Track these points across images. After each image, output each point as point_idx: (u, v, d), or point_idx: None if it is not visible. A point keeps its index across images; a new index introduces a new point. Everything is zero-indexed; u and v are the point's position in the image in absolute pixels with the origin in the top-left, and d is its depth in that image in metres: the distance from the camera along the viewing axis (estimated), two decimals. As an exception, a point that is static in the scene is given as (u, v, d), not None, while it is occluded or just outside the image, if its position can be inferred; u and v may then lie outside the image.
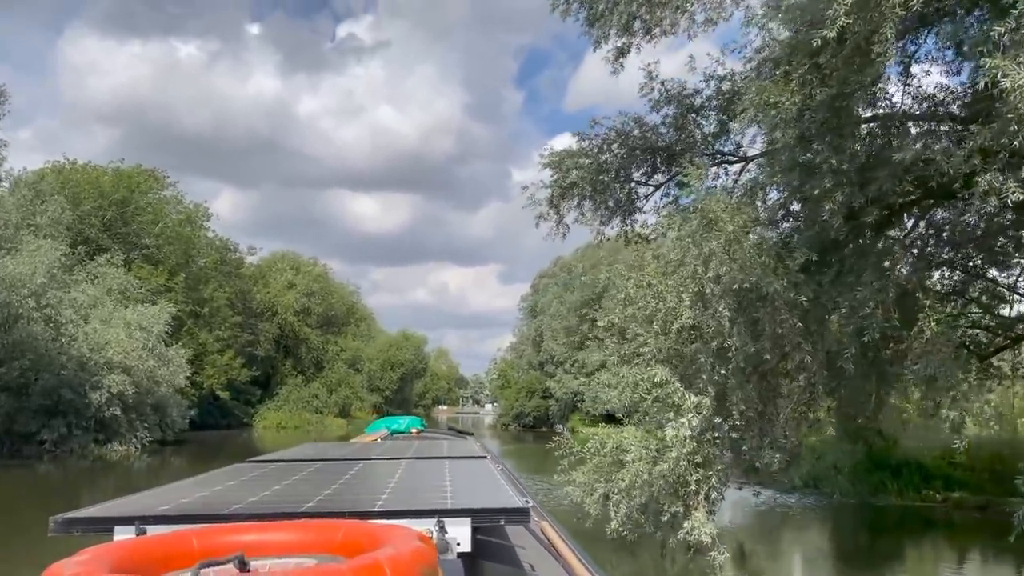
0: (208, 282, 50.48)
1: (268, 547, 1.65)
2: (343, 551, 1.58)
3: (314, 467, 3.82)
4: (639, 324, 9.88)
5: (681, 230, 8.62)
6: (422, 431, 8.84)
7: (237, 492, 2.79)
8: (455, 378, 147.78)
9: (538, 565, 2.78)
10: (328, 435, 52.84)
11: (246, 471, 3.61)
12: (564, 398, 58.73)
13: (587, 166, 13.04)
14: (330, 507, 2.32)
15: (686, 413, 8.50)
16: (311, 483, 3.11)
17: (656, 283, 9.66)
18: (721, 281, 8.42)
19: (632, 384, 9.60)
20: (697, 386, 8.84)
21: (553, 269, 69.12)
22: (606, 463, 9.75)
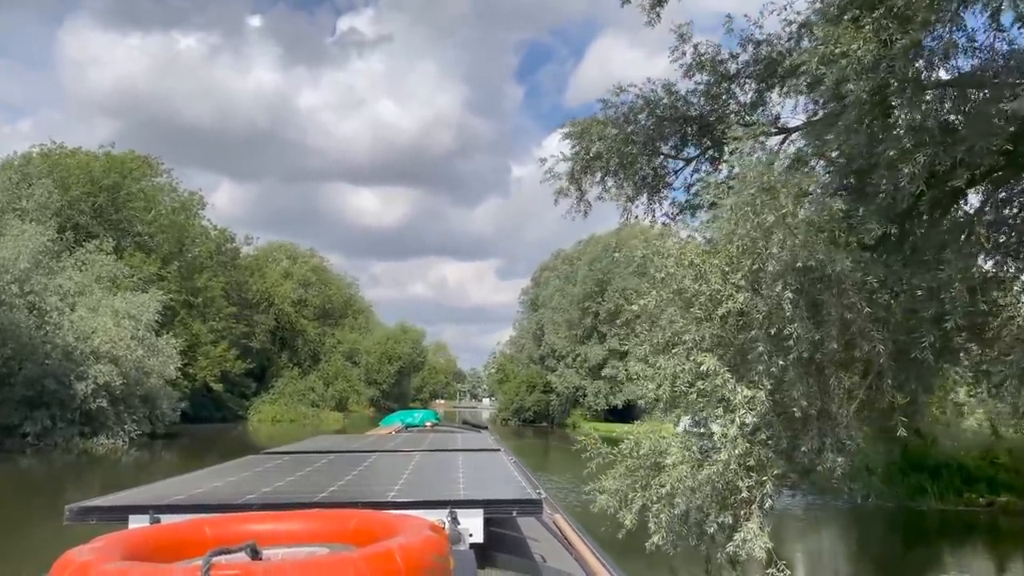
0: (202, 271, 49.29)
1: (280, 536, 1.66)
2: (355, 540, 1.59)
3: (328, 459, 3.81)
4: (678, 309, 8.69)
5: (740, 196, 7.41)
6: (437, 424, 8.82)
7: (251, 483, 2.79)
8: (453, 372, 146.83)
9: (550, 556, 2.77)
10: (324, 429, 51.75)
11: (260, 462, 3.63)
12: (566, 393, 57.63)
13: (612, 137, 11.82)
14: (343, 497, 2.31)
15: (737, 409, 7.32)
16: (324, 474, 3.13)
17: (699, 262, 8.46)
18: (781, 258, 7.22)
19: (671, 376, 8.42)
20: (749, 378, 7.65)
21: (554, 262, 67.96)
22: (642, 467, 8.57)
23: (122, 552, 1.44)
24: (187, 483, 2.78)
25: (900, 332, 8.07)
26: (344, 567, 1.31)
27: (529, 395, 62.39)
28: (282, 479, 2.93)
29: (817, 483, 8.44)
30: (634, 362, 10.14)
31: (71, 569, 1.33)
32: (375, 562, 1.32)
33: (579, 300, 56.53)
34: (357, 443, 5.24)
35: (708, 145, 12.51)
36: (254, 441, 42.46)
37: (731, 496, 7.73)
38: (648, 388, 8.57)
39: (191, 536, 1.62)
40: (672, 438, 8.27)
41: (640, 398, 8.91)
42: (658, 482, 8.32)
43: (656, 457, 8.46)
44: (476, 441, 5.59)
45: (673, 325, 9.22)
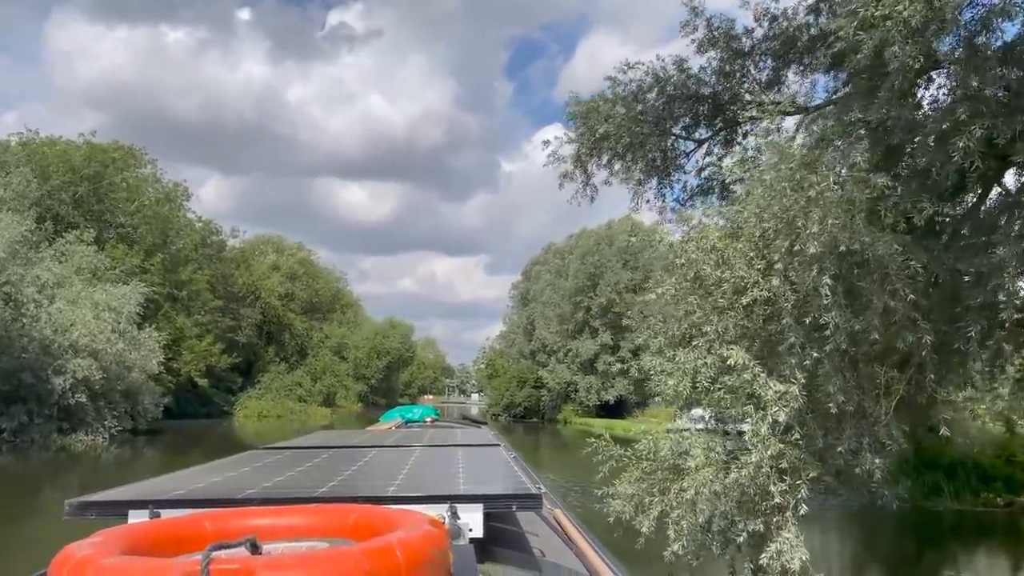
0: (187, 264, 48.26)
1: (280, 531, 1.65)
2: (355, 535, 1.59)
3: (327, 454, 3.80)
4: (698, 297, 7.98)
5: (778, 171, 6.69)
6: (437, 420, 8.77)
7: (250, 478, 2.78)
8: (441, 367, 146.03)
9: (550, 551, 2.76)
10: (311, 425, 50.86)
11: (260, 457, 3.62)
12: (557, 388, 56.98)
13: (620, 116, 11.09)
14: (343, 492, 2.31)
15: (769, 406, 6.63)
16: (324, 469, 3.10)
17: (722, 247, 7.75)
18: (821, 239, 6.53)
19: (691, 371, 7.71)
20: (779, 372, 6.95)
21: (545, 256, 67.27)
22: (660, 469, 7.87)
23: (121, 546, 1.44)
24: (186, 478, 2.75)
25: (942, 322, 7.40)
26: (344, 561, 1.30)
27: (520, 390, 61.69)
28: (282, 474, 2.91)
29: (887, 493, 7.71)
30: (648, 356, 9.41)
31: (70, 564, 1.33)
32: (375, 556, 1.32)
33: (571, 294, 55.87)
34: (356, 439, 5.17)
35: (721, 126, 11.82)
36: (240, 437, 41.60)
37: (762, 502, 7.04)
38: (667, 383, 7.84)
39: (191, 530, 1.62)
40: (694, 439, 7.55)
41: (657, 394, 8.18)
42: (679, 486, 7.62)
43: (676, 459, 7.75)
44: (476, 437, 5.52)
45: (690, 316, 8.52)
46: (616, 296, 53.12)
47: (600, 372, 54.54)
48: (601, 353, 54.25)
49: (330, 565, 1.28)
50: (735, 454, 7.42)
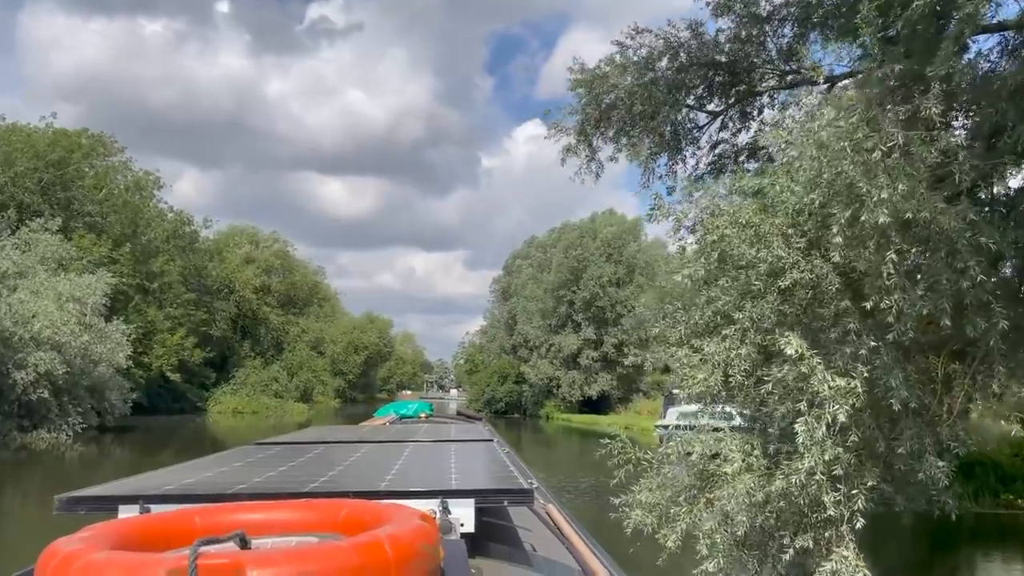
0: (158, 255, 46.71)
1: (270, 526, 1.64)
2: (345, 530, 1.58)
3: (319, 449, 3.78)
4: (730, 280, 7.02)
5: (837, 127, 5.72)
6: (431, 416, 8.77)
7: (241, 473, 2.77)
8: (420, 363, 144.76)
9: (542, 546, 2.77)
10: (288, 421, 49.58)
11: (251, 453, 3.59)
12: (539, 383, 56.06)
13: (627, 87, 10.09)
14: (334, 487, 2.30)
15: (828, 403, 5.66)
16: (316, 465, 3.11)
17: (757, 221, 6.79)
18: (887, 209, 5.57)
19: (722, 363, 6.75)
20: (831, 363, 5.99)
21: (527, 249, 66.24)
22: (691, 475, 6.90)
23: (110, 542, 1.44)
24: (177, 473, 2.72)
25: (1015, 306, 6.48)
26: (333, 556, 1.30)
27: (501, 385, 60.76)
28: (273, 469, 2.89)
29: (949, 503, 6.78)
30: (666, 347, 8.43)
31: (57, 560, 1.33)
32: (364, 551, 1.32)
33: (553, 288, 54.95)
34: (349, 434, 5.12)
35: (737, 97, 10.87)
36: (213, 434, 40.28)
37: (812, 514, 6.08)
38: (696, 377, 6.85)
39: (180, 526, 1.61)
40: (730, 440, 6.57)
41: (684, 388, 7.19)
42: (713, 495, 6.65)
43: (707, 464, 6.77)
44: (469, 432, 5.45)
45: (713, 303, 7.56)
46: (600, 290, 52.29)
47: (583, 367, 53.72)
48: (584, 348, 53.41)
49: (319, 560, 1.28)
50: (776, 458, 6.46)
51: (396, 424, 7.36)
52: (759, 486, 6.29)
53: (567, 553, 2.74)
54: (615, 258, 53.16)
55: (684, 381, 7.14)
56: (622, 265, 53.24)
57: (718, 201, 7.20)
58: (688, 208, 7.33)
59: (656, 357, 8.57)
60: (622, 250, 53.77)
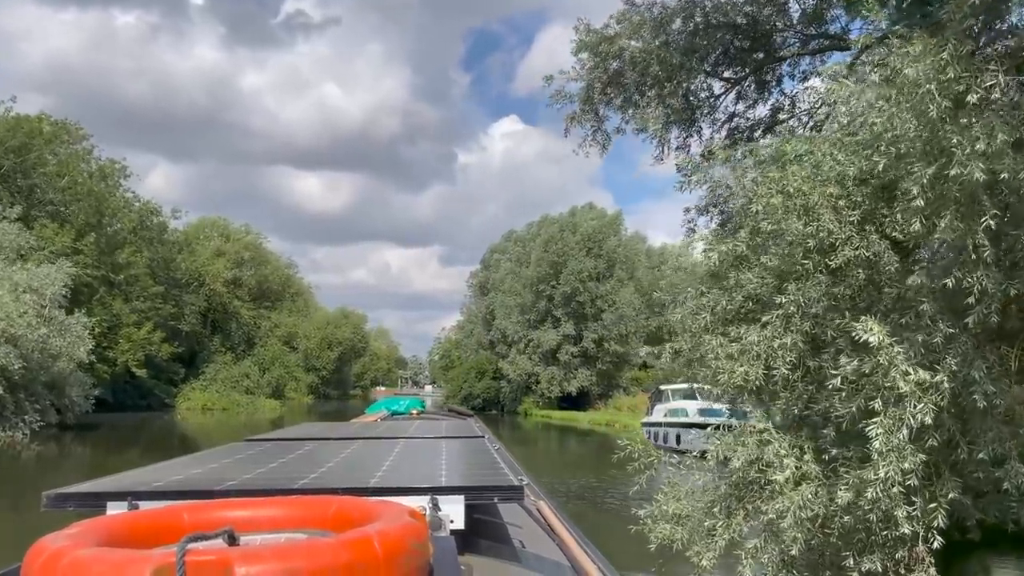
0: (124, 246, 45.01)
1: (259, 523, 1.64)
2: (334, 526, 1.57)
3: (309, 446, 3.74)
4: (776, 258, 6.08)
5: (922, 63, 4.76)
6: (422, 412, 8.80)
7: (231, 470, 2.74)
8: (395, 359, 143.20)
9: (532, 543, 2.76)
10: (259, 418, 48.14)
11: (241, 449, 3.59)
12: (517, 379, 55.07)
13: (640, 48, 9.12)
14: (323, 484, 2.29)
15: (907, 402, 4.73)
16: (306, 461, 3.08)
17: (807, 189, 5.85)
18: (979, 164, 4.65)
19: (763, 354, 5.81)
20: (913, 355, 5.06)
21: (506, 244, 65.19)
22: (727, 484, 5.95)
23: (97, 538, 1.43)
24: (166, 470, 2.70)
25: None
26: (321, 552, 1.29)
27: (478, 382, 59.71)
28: (263, 466, 2.86)
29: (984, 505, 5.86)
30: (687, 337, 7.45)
31: (44, 556, 1.31)
32: (353, 548, 1.31)
33: (533, 283, 53.98)
34: (340, 431, 5.09)
35: (754, 66, 9.94)
36: (182, 431, 38.87)
37: (883, 531, 5.14)
38: (735, 371, 5.89)
39: (168, 522, 1.60)
40: (779, 443, 5.61)
41: (718, 383, 6.22)
42: (753, 506, 5.71)
43: (751, 470, 5.82)
44: (460, 428, 5.46)
45: (745, 287, 6.61)
46: (580, 285, 51.40)
47: (562, 363, 52.82)
48: (563, 343, 52.52)
49: (307, 556, 1.27)
50: (835, 466, 5.53)
51: (387, 421, 7.26)
52: (818, 498, 5.35)
53: (557, 550, 2.70)
54: (595, 252, 52.30)
55: (718, 375, 6.18)
56: (602, 259, 52.42)
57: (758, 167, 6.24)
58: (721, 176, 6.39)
59: (674, 348, 7.60)
60: (602, 244, 52.95)
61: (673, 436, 24.11)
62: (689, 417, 23.49)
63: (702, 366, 7.32)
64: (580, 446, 32.43)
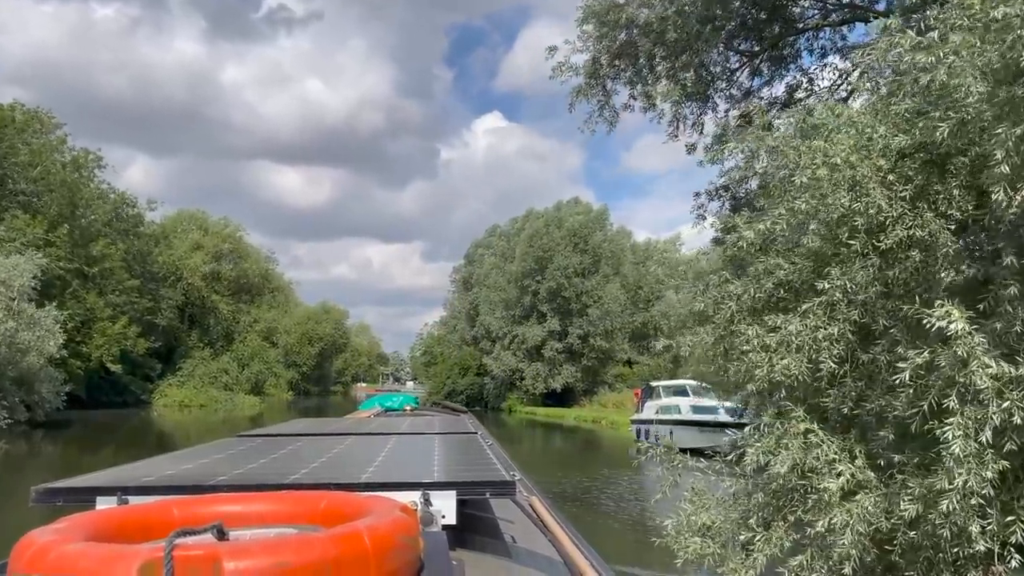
0: (99, 238, 43.75)
1: (249, 517, 1.64)
2: (324, 521, 1.57)
3: (301, 442, 3.73)
4: (819, 239, 5.45)
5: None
6: (416, 408, 8.89)
7: (222, 465, 2.74)
8: (376, 355, 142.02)
9: (524, 538, 2.77)
10: (238, 415, 47.14)
11: (232, 445, 3.58)
12: (501, 376, 54.40)
13: (652, 18, 8.44)
14: (314, 479, 2.30)
15: (991, 399, 4.08)
16: (298, 457, 3.09)
17: (855, 161, 5.20)
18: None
19: (807, 346, 5.16)
20: (987, 348, 4.42)
21: (489, 239, 64.47)
22: (764, 491, 5.29)
23: (86, 533, 1.42)
24: (156, 465, 2.69)
25: None
26: (310, 547, 1.28)
27: (462, 378, 58.98)
28: (255, 461, 2.84)
29: None
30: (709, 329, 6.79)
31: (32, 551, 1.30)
32: (342, 542, 1.30)
33: (517, 278, 53.31)
34: (333, 426, 5.09)
35: (772, 39, 9.29)
36: (159, 429, 37.87)
37: (958, 546, 4.50)
38: (776, 366, 5.24)
39: (158, 517, 1.60)
40: (827, 446, 4.95)
41: (755, 380, 5.55)
42: (796, 517, 5.06)
43: (792, 477, 5.15)
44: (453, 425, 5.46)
45: (775, 272, 5.98)
46: (565, 280, 50.78)
47: (547, 359, 52.21)
48: (548, 339, 51.90)
49: (296, 551, 1.26)
50: (891, 472, 4.88)
51: (380, 417, 7.20)
52: (878, 508, 4.70)
53: (549, 545, 2.68)
54: (581, 248, 51.69)
55: (755, 369, 5.51)
56: (588, 255, 51.83)
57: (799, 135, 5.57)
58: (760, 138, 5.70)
59: (696, 341, 6.93)
60: (588, 240, 52.36)
61: (665, 434, 23.56)
62: (682, 414, 22.95)
63: (728, 360, 6.66)
64: (568, 444, 31.81)
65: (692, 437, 22.01)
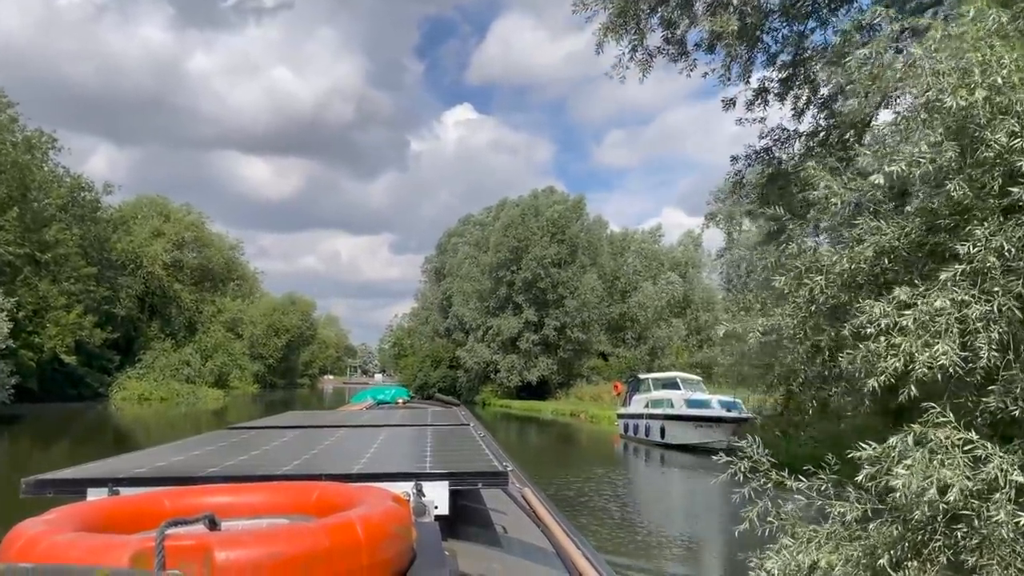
0: (52, 223, 41.43)
1: (241, 508, 1.64)
2: (317, 511, 1.57)
3: (294, 433, 3.74)
4: (963, 184, 4.18)
5: None
6: (408, 401, 8.98)
7: (214, 456, 2.74)
8: (344, 347, 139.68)
9: (516, 529, 2.76)
10: (200, 408, 45.20)
11: (225, 437, 3.56)
12: (475, 368, 52.99)
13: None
14: (307, 470, 2.29)
15: None
16: (290, 448, 3.10)
17: (1016, 81, 3.93)
18: None
19: (954, 328, 3.91)
20: None
21: (463, 227, 62.93)
22: (899, 521, 4.01)
23: (76, 524, 1.41)
24: (148, 456, 2.71)
25: None
26: (302, 537, 1.28)
27: (434, 370, 57.43)
28: (246, 453, 2.85)
29: None
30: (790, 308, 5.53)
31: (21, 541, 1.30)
32: (335, 532, 1.30)
33: (492, 268, 51.88)
34: (325, 418, 5.09)
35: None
36: (116, 423, 35.92)
37: None
38: (923, 353, 3.95)
39: (149, 508, 1.59)
40: (1002, 461, 3.68)
41: (872, 373, 4.26)
42: (979, 562, 3.80)
43: (933, 503, 3.88)
44: (445, 417, 5.48)
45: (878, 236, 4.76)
46: (542, 271, 49.46)
47: (523, 351, 50.91)
48: (524, 331, 50.59)
49: (288, 541, 1.26)
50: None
51: (373, 410, 7.25)
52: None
53: (542, 536, 2.66)
54: (558, 237, 50.40)
55: (879, 359, 4.20)
56: (565, 245, 50.58)
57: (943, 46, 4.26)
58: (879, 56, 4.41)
59: (768, 325, 5.62)
60: (566, 229, 51.09)
61: (657, 429, 22.35)
62: (675, 408, 21.71)
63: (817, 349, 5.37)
64: (549, 439, 30.52)
65: (686, 433, 20.86)
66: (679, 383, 24.22)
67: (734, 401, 20.40)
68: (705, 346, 53.98)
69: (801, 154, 8.22)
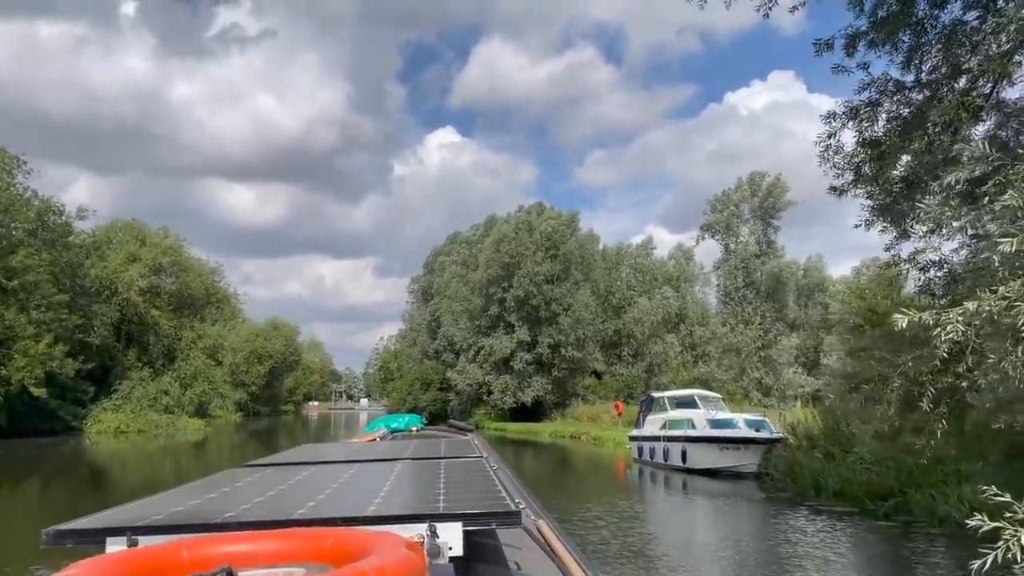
0: (19, 248, 39.28)
1: (258, 557, 1.65)
2: (332, 559, 1.59)
3: (309, 471, 3.75)
4: None
5: None
6: (422, 429, 8.91)
7: (229, 499, 2.75)
8: (328, 372, 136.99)
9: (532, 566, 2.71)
10: (181, 440, 42.92)
11: (240, 476, 3.59)
12: (467, 390, 51.10)
13: None
14: (322, 513, 2.31)
15: None
16: (305, 488, 3.11)
17: None
18: None
19: None
20: None
21: (450, 246, 61.23)
22: None
23: None
24: (165, 501, 2.70)
25: None
26: None
27: (423, 393, 55.51)
28: (262, 494, 2.86)
29: None
30: (992, 300, 3.85)
31: None
32: None
33: (482, 286, 50.20)
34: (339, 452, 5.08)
35: None
36: (91, 459, 33.63)
37: None
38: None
39: (168, 560, 1.60)
40: None
41: None
42: None
43: None
44: (459, 448, 5.29)
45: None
46: (534, 288, 47.82)
47: (516, 371, 49.12)
48: (517, 350, 48.83)
49: None
50: None
51: (386, 440, 7.24)
52: None
53: (557, 571, 2.64)
54: (552, 253, 48.83)
55: None
56: (559, 261, 49.01)
57: None
58: None
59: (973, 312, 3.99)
60: (560, 245, 49.57)
61: (677, 452, 20.52)
62: (697, 429, 19.93)
63: None
64: (553, 466, 28.60)
65: (710, 456, 19.13)
66: (697, 401, 22.49)
67: (762, 420, 18.77)
68: (700, 361, 52.41)
69: (918, 106, 6.75)
